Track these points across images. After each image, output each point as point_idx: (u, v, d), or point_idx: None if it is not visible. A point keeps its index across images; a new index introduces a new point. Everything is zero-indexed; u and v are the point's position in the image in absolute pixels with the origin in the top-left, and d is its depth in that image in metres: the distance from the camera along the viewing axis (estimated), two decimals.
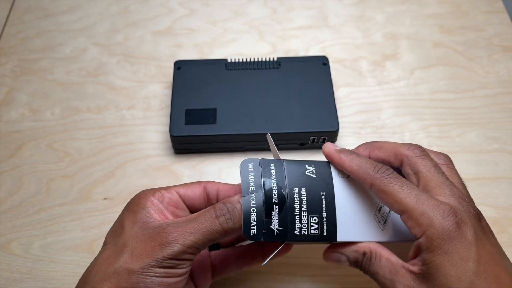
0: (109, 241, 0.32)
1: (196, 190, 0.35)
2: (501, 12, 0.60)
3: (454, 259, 0.29)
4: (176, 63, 0.51)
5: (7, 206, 0.45)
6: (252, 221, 0.31)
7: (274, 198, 0.32)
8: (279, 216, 0.32)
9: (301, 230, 0.32)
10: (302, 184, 0.33)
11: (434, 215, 0.29)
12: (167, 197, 0.33)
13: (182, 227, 0.30)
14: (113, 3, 0.61)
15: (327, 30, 0.59)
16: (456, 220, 0.29)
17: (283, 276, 0.41)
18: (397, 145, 0.34)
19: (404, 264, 0.31)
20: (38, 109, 0.52)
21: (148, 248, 0.29)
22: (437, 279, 0.29)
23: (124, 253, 0.30)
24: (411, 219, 0.30)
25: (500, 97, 0.52)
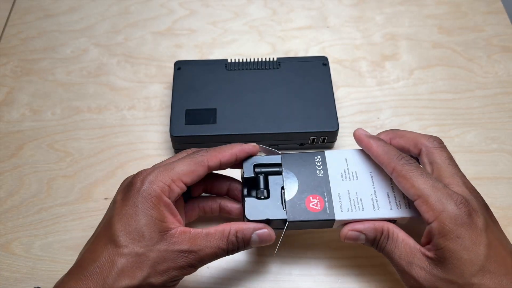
0: (125, 244, 0.31)
1: (202, 174, 0.35)
2: (500, 13, 0.60)
3: (466, 244, 0.30)
4: (176, 64, 0.51)
5: (7, 206, 0.45)
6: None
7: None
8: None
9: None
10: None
11: (448, 202, 0.31)
12: (175, 193, 0.34)
13: (200, 254, 0.33)
14: (114, 4, 0.62)
15: (326, 30, 0.59)
16: (467, 209, 0.31)
17: (283, 276, 0.41)
18: (418, 135, 0.37)
19: (421, 248, 0.33)
20: (38, 109, 0.52)
21: (170, 267, 0.32)
22: (452, 263, 0.30)
23: (149, 267, 0.31)
24: (426, 204, 0.32)
25: (499, 97, 0.53)
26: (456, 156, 0.48)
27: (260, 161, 0.38)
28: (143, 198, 0.32)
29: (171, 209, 0.33)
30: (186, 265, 0.32)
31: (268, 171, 0.37)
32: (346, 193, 0.36)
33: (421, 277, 0.32)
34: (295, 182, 0.37)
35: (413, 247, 0.33)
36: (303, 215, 0.35)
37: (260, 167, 0.38)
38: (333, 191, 0.36)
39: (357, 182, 0.37)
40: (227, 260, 0.41)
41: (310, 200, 0.36)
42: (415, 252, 0.33)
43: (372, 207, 0.35)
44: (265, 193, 0.36)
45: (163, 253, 0.31)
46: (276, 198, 0.36)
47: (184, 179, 0.34)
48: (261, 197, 0.36)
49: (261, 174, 0.37)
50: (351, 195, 0.36)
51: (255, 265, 0.42)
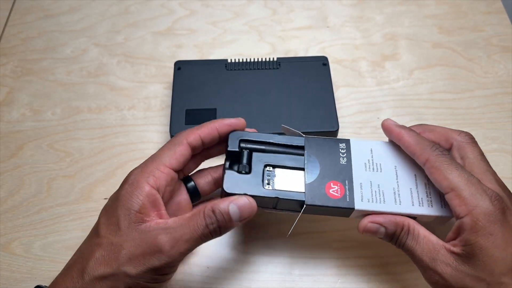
0: (103, 235, 0.32)
1: (184, 152, 0.35)
2: (500, 13, 0.60)
3: (498, 241, 0.29)
4: (176, 64, 0.51)
5: (8, 206, 0.45)
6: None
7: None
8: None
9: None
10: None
11: (482, 198, 0.30)
12: (161, 180, 0.33)
13: (175, 235, 0.31)
14: (114, 4, 0.62)
15: (326, 30, 0.59)
16: (502, 206, 0.30)
17: (283, 276, 0.41)
18: (449, 130, 0.36)
19: (445, 244, 0.32)
20: (39, 109, 0.52)
21: (145, 255, 0.30)
22: (481, 260, 0.30)
23: (122, 256, 0.31)
24: (459, 198, 0.31)
25: (499, 97, 0.53)
26: None
27: (247, 137, 0.37)
28: (125, 191, 0.33)
29: (155, 200, 0.32)
30: None
31: (253, 147, 0.37)
32: (368, 183, 0.35)
33: (447, 273, 0.31)
34: (316, 166, 0.36)
35: (436, 243, 0.32)
36: (322, 200, 0.35)
37: (246, 142, 0.37)
38: (355, 180, 0.35)
39: (380, 174, 0.36)
40: (226, 260, 0.41)
41: (331, 187, 0.35)
42: (438, 248, 0.32)
43: (393, 200, 0.35)
44: (247, 168, 0.36)
45: (137, 241, 0.31)
46: (257, 175, 0.35)
47: (168, 162, 0.34)
48: (242, 172, 0.35)
49: (246, 149, 0.37)
50: (373, 186, 0.35)
51: (255, 266, 0.42)
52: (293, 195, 0.35)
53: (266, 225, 0.43)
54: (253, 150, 0.37)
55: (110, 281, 0.30)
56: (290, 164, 0.36)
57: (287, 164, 0.36)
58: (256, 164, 0.36)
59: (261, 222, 0.44)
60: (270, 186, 0.35)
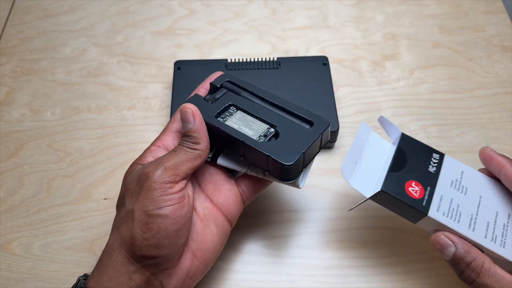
0: (118, 199, 0.35)
1: (180, 119, 0.36)
2: (500, 12, 0.60)
3: None
4: (176, 63, 0.51)
5: (7, 206, 0.45)
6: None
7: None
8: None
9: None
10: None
11: None
12: (167, 140, 0.36)
13: (159, 159, 0.33)
14: (114, 4, 0.62)
15: (327, 30, 0.59)
16: None
17: (283, 276, 0.41)
18: None
19: None
20: (38, 109, 0.52)
21: (138, 184, 0.32)
22: None
23: (126, 198, 0.33)
24: None
25: (499, 97, 0.52)
26: (456, 156, 0.48)
27: (235, 81, 0.39)
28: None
29: (158, 154, 0.35)
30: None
31: (232, 88, 0.38)
32: (449, 199, 0.35)
33: None
34: (404, 160, 0.36)
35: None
36: (398, 193, 0.35)
37: (232, 85, 0.39)
38: (437, 190, 0.35)
39: (463, 196, 0.36)
40: (226, 260, 0.41)
41: (412, 186, 0.35)
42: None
43: (468, 225, 0.34)
44: (213, 99, 0.38)
45: (133, 178, 0.33)
46: (218, 107, 0.37)
47: (170, 126, 0.36)
48: (208, 101, 0.37)
49: (225, 88, 0.39)
50: (453, 204, 0.35)
51: (255, 266, 0.42)
52: (239, 134, 0.35)
53: (266, 225, 0.43)
54: (231, 91, 0.38)
55: (123, 226, 0.32)
56: (256, 113, 0.37)
57: (252, 112, 0.37)
58: (224, 100, 0.38)
59: (261, 222, 0.44)
60: (222, 120, 0.36)
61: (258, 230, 0.43)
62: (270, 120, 0.36)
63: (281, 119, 0.36)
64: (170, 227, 0.31)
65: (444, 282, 0.40)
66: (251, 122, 0.36)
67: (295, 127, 0.36)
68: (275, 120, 0.36)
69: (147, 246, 0.31)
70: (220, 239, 0.36)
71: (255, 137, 0.35)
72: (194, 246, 0.34)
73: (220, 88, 0.39)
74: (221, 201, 0.36)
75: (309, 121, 0.36)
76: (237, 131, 0.35)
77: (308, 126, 0.36)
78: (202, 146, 0.34)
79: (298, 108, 0.37)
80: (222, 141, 0.36)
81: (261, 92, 0.38)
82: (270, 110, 0.37)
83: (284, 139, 0.35)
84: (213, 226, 0.35)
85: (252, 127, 0.36)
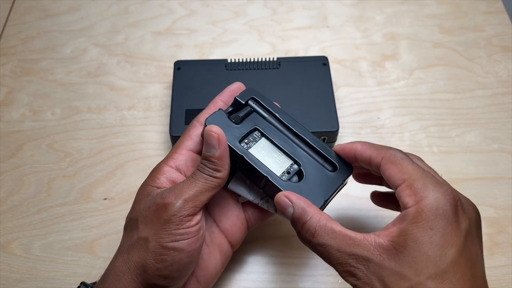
0: (126, 220, 0.34)
1: (198, 131, 0.35)
2: (500, 13, 0.60)
3: (437, 239, 0.26)
4: (176, 63, 0.51)
5: (7, 206, 0.45)
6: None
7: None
8: None
9: None
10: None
11: (435, 189, 0.28)
12: (180, 160, 0.34)
13: (178, 188, 0.32)
14: (114, 4, 0.62)
15: (327, 30, 0.59)
16: (454, 203, 0.27)
17: (284, 276, 0.41)
18: (383, 147, 0.33)
19: (366, 236, 0.28)
20: (38, 109, 0.52)
21: (155, 214, 0.31)
22: (411, 255, 0.26)
23: (139, 224, 0.32)
24: (410, 188, 0.28)
25: (499, 97, 0.52)
26: (457, 156, 0.49)
27: (260, 99, 0.37)
28: (147, 177, 0.35)
29: (175, 178, 0.34)
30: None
31: (257, 110, 0.37)
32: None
33: (365, 269, 0.27)
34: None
35: (354, 237, 0.28)
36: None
37: (256, 103, 0.37)
38: None
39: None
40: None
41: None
42: (358, 241, 0.28)
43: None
44: (238, 119, 0.36)
45: (148, 205, 0.32)
46: (242, 130, 0.35)
47: (183, 144, 0.35)
48: (232, 120, 0.36)
49: (250, 107, 0.37)
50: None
51: (255, 266, 0.42)
52: (263, 168, 0.34)
53: (266, 226, 0.43)
54: (256, 111, 0.37)
55: (134, 252, 0.31)
56: (280, 143, 0.36)
57: (276, 142, 0.36)
58: (249, 122, 0.36)
59: None
60: (245, 145, 0.35)
61: (258, 230, 0.43)
62: (295, 155, 0.35)
63: (305, 156, 0.35)
64: (184, 260, 0.31)
65: None
66: (275, 154, 0.35)
67: (319, 169, 0.35)
68: (299, 156, 0.35)
69: (158, 276, 0.30)
70: (222, 264, 0.36)
71: (279, 172, 0.34)
72: (199, 272, 0.34)
73: (245, 106, 0.37)
74: (227, 227, 0.36)
75: (333, 163, 0.35)
76: (262, 164, 0.34)
77: (331, 168, 0.35)
78: (223, 175, 0.32)
79: (323, 147, 0.36)
80: (243, 169, 0.35)
81: (287, 119, 0.37)
82: (294, 142, 0.36)
83: (308, 181, 0.34)
84: (217, 252, 0.35)
85: (276, 160, 0.35)
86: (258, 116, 0.37)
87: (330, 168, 0.35)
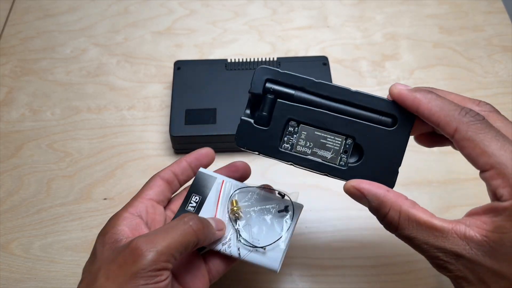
0: (84, 271, 0.31)
1: (158, 183, 0.35)
2: (501, 12, 0.60)
3: None
4: (176, 63, 0.51)
5: (7, 206, 0.45)
6: None
7: None
8: None
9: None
10: None
11: None
12: (140, 208, 0.33)
13: (151, 236, 0.28)
14: (113, 4, 0.62)
15: (327, 30, 0.59)
16: None
17: (284, 276, 0.41)
18: (465, 99, 0.29)
19: (455, 226, 0.25)
20: (38, 109, 0.52)
21: (122, 266, 0.27)
22: (509, 254, 0.24)
23: (99, 278, 0.28)
24: (502, 177, 0.24)
25: (499, 97, 0.52)
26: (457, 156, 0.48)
27: (276, 77, 0.30)
28: (106, 224, 0.32)
29: (136, 224, 0.32)
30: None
31: (280, 91, 0.30)
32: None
33: (459, 263, 0.25)
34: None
35: (441, 228, 0.26)
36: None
37: (274, 83, 0.30)
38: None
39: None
40: None
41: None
42: (446, 234, 0.25)
43: None
44: (265, 119, 0.30)
45: (111, 257, 0.29)
46: (276, 129, 0.30)
47: (144, 193, 0.34)
48: (261, 125, 0.30)
49: (271, 93, 0.30)
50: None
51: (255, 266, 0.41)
52: (317, 165, 0.30)
53: None
54: (280, 97, 0.30)
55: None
56: (323, 122, 0.30)
57: (318, 123, 0.30)
58: (278, 115, 0.30)
59: None
60: (288, 146, 0.30)
61: None
62: (343, 128, 0.30)
63: (356, 122, 0.30)
64: None
65: (444, 282, 0.40)
66: (323, 138, 0.30)
67: (377, 132, 0.29)
68: (350, 125, 0.30)
69: None
70: None
71: (335, 158, 0.30)
72: None
73: (263, 96, 0.31)
74: (188, 281, 0.33)
75: (391, 114, 0.29)
76: (315, 161, 0.30)
77: (390, 121, 0.29)
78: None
79: (372, 101, 0.30)
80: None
81: (317, 87, 0.30)
82: (338, 111, 0.30)
83: (370, 154, 0.29)
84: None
85: (327, 146, 0.30)
86: (284, 101, 0.30)
87: (390, 121, 0.29)
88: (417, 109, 0.28)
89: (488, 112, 0.28)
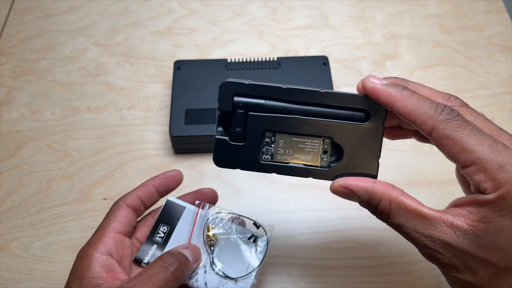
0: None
1: (125, 213, 0.34)
2: (501, 12, 0.60)
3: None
4: (176, 63, 0.51)
5: (7, 206, 0.45)
6: None
7: None
8: None
9: None
10: None
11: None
12: (110, 245, 0.32)
13: (131, 285, 0.29)
14: (113, 3, 0.61)
15: (327, 30, 0.59)
16: None
17: (284, 276, 0.41)
18: (435, 93, 0.30)
19: (442, 215, 0.26)
20: (38, 109, 0.52)
21: None
22: (494, 242, 0.25)
23: None
24: (483, 171, 0.25)
25: (500, 97, 0.52)
26: None
27: (242, 90, 0.30)
28: (76, 265, 0.32)
29: (108, 264, 0.31)
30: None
31: (250, 103, 0.30)
32: None
33: (447, 252, 0.26)
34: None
35: (429, 216, 0.26)
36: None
37: (242, 96, 0.30)
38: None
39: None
40: None
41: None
42: (434, 222, 0.26)
43: None
44: (240, 135, 0.30)
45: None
46: (253, 143, 0.30)
47: (111, 227, 0.33)
48: (235, 140, 0.30)
49: (241, 107, 0.30)
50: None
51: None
52: (299, 170, 0.30)
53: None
54: (250, 109, 0.30)
55: None
56: (298, 127, 0.30)
57: (293, 129, 0.30)
58: (252, 128, 0.30)
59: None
60: (268, 156, 0.31)
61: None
62: (319, 130, 0.30)
63: (331, 122, 0.30)
64: None
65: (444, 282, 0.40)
66: (301, 143, 0.30)
67: (353, 128, 0.30)
68: (324, 127, 0.30)
69: None
70: None
71: (316, 160, 0.30)
72: None
73: (233, 111, 0.30)
74: None
75: (363, 110, 0.30)
76: (295, 168, 0.30)
77: (364, 116, 0.30)
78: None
79: (342, 98, 0.30)
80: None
81: (286, 94, 0.30)
82: (310, 114, 0.30)
83: (349, 150, 0.30)
84: None
85: (306, 150, 0.30)
86: (256, 113, 0.30)
87: (363, 115, 0.30)
88: (392, 106, 0.28)
89: (459, 107, 0.29)
